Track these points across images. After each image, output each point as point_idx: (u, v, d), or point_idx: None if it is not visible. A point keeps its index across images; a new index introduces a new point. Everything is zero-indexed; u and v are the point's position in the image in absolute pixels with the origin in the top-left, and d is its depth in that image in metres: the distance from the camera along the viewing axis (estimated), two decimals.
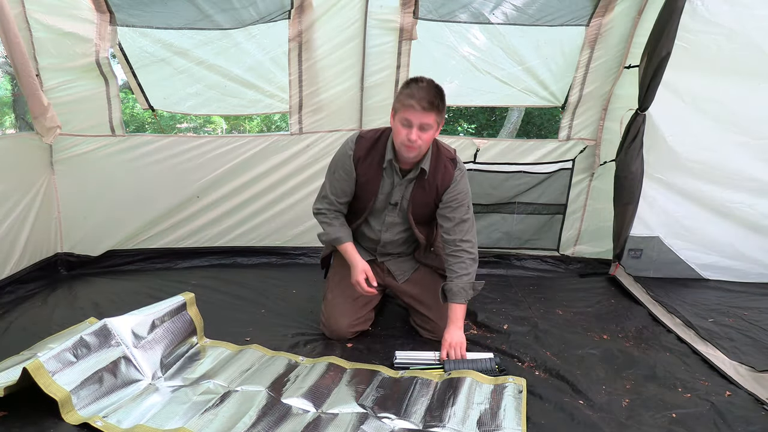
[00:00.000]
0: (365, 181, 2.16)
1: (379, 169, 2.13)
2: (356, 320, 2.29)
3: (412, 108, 1.92)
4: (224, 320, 2.44)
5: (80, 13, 2.60)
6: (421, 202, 2.18)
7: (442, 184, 2.14)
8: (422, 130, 1.95)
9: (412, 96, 1.92)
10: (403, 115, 1.95)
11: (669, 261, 3.10)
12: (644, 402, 1.84)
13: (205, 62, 2.87)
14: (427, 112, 1.93)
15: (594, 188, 3.26)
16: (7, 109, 7.84)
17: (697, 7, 2.59)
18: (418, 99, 1.91)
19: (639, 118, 2.76)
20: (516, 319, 2.53)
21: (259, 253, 3.32)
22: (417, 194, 2.16)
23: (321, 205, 2.27)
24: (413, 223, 2.22)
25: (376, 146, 2.14)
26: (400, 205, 2.20)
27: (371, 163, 2.13)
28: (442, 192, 2.15)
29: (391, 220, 2.25)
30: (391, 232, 2.28)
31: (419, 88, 1.93)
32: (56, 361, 1.66)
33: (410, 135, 1.95)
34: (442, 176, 2.14)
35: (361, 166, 2.14)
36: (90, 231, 3.07)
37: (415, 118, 1.93)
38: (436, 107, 1.94)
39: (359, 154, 2.14)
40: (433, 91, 1.94)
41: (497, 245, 3.38)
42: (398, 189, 2.16)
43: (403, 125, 1.96)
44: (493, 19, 2.88)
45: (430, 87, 1.95)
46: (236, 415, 1.64)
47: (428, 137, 1.99)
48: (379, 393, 1.81)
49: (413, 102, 1.91)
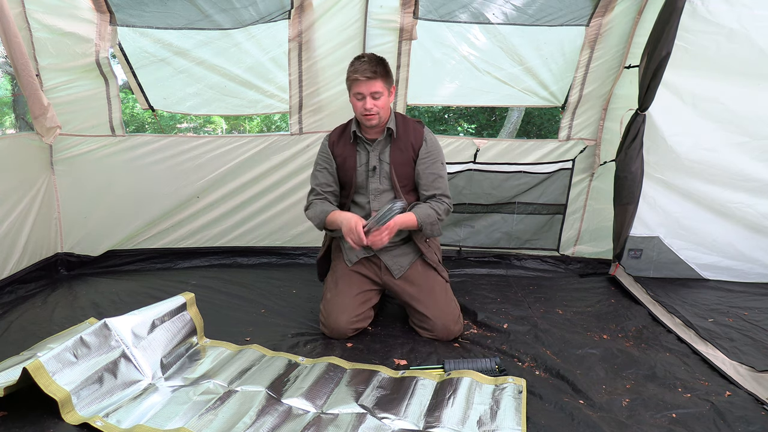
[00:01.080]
0: (343, 161, 2.36)
1: (352, 146, 2.35)
2: (356, 317, 2.29)
3: (358, 81, 2.17)
4: (224, 320, 2.44)
5: (80, 13, 2.61)
6: (401, 161, 2.31)
7: (416, 140, 2.33)
8: (374, 98, 2.19)
9: (356, 71, 2.17)
10: (355, 90, 2.20)
11: (669, 261, 3.10)
12: (644, 402, 1.84)
13: (205, 62, 2.87)
14: (372, 80, 2.16)
15: (594, 188, 3.26)
16: (7, 109, 7.84)
17: (697, 7, 2.59)
18: (362, 71, 2.15)
19: (639, 118, 2.76)
20: (516, 318, 2.53)
21: (259, 253, 3.32)
22: (395, 155, 2.31)
23: (308, 200, 2.44)
24: (398, 187, 2.31)
25: (346, 129, 2.38)
26: (380, 169, 2.32)
27: (344, 144, 2.36)
28: (417, 148, 2.32)
29: (376, 186, 2.33)
30: (379, 201, 2.33)
31: (361, 62, 2.18)
32: (56, 361, 1.66)
33: (365, 105, 2.19)
34: (414, 134, 2.33)
35: (336, 148, 2.37)
36: (90, 231, 3.07)
37: (364, 89, 2.17)
38: (381, 74, 2.18)
39: (333, 139, 2.40)
40: (374, 61, 2.18)
41: (497, 245, 3.38)
42: (373, 154, 2.32)
43: (358, 99, 2.21)
44: (493, 19, 2.88)
45: (371, 59, 2.19)
46: (236, 415, 1.64)
47: (382, 103, 2.22)
48: (379, 393, 1.81)
49: (358, 75, 2.16)
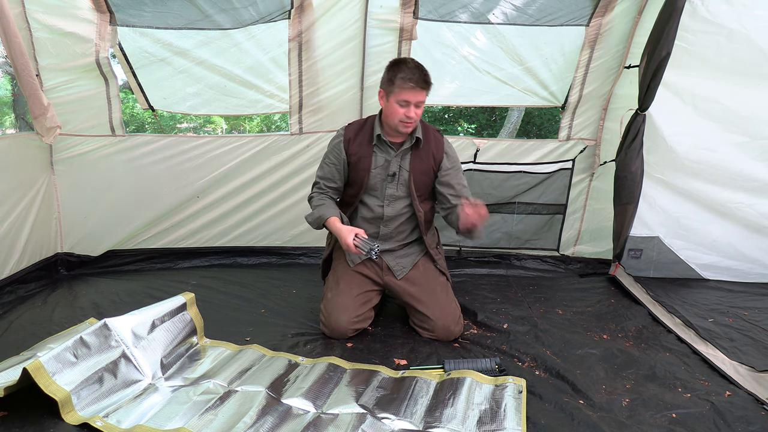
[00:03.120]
0: (357, 160, 2.29)
1: (370, 146, 2.28)
2: (356, 318, 2.29)
3: (412, 89, 2.09)
4: (224, 320, 2.44)
5: (80, 13, 2.60)
6: (421, 171, 2.29)
7: (437, 151, 2.30)
8: (417, 107, 2.15)
9: (410, 79, 2.08)
10: (402, 97, 2.12)
11: (669, 261, 3.10)
12: (644, 402, 1.84)
13: (205, 62, 2.87)
14: (423, 90, 2.12)
15: (594, 188, 3.26)
16: (7, 109, 7.83)
17: (697, 7, 2.59)
18: (416, 81, 2.08)
19: (639, 118, 2.76)
20: (516, 318, 2.53)
21: (259, 253, 3.32)
22: (416, 164, 2.28)
23: (312, 192, 2.41)
24: (414, 195, 2.29)
25: (365, 127, 2.31)
26: (399, 176, 2.28)
27: (361, 143, 2.29)
28: (438, 159, 2.30)
29: (392, 193, 2.31)
30: (394, 207, 2.32)
31: (411, 70, 2.10)
32: (56, 362, 1.66)
33: (409, 113, 2.13)
34: (435, 144, 2.31)
35: (352, 146, 2.30)
36: (90, 231, 3.07)
37: (413, 98, 2.11)
38: (429, 84, 2.14)
39: (349, 136, 2.31)
40: (423, 70, 2.13)
41: (497, 245, 3.38)
42: (395, 161, 2.28)
43: (402, 105, 2.13)
44: (493, 19, 2.88)
45: (420, 67, 2.13)
46: (236, 416, 1.64)
47: (421, 112, 2.19)
48: (379, 393, 1.81)
49: (412, 84, 2.08)
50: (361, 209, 2.37)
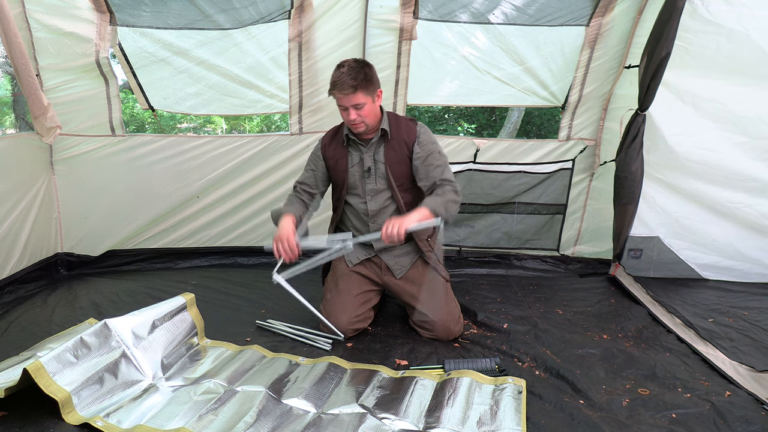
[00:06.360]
0: (335, 162, 2.34)
1: (344, 148, 2.33)
2: (356, 318, 2.30)
3: (341, 93, 2.10)
4: (225, 320, 2.44)
5: (80, 13, 2.61)
6: (396, 161, 2.28)
7: (409, 138, 2.28)
8: (357, 109, 2.13)
9: (335, 85, 2.10)
10: (337, 103, 2.16)
11: (669, 261, 3.10)
12: (644, 402, 1.84)
13: (205, 62, 2.87)
14: (352, 94, 2.09)
15: (594, 188, 3.27)
16: (7, 109, 7.83)
17: (697, 7, 2.59)
18: (341, 86, 2.08)
19: (639, 118, 2.76)
20: (516, 318, 2.53)
21: (259, 253, 3.32)
22: (390, 155, 2.28)
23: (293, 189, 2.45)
24: (394, 186, 2.29)
25: (339, 132, 2.36)
26: (375, 169, 2.30)
27: (336, 146, 2.35)
28: (411, 145, 2.27)
29: (372, 187, 2.32)
30: (376, 201, 2.33)
31: (340, 74, 2.10)
32: (56, 362, 1.66)
33: (349, 117, 2.15)
34: (406, 132, 2.28)
35: (328, 151, 2.36)
36: (90, 231, 3.07)
37: (345, 102, 2.12)
38: (361, 86, 2.09)
39: (325, 141, 2.39)
40: (352, 73, 2.09)
41: (497, 245, 3.38)
42: (367, 156, 2.29)
43: (342, 109, 2.16)
44: (493, 19, 2.88)
45: (350, 70, 2.10)
46: (237, 416, 1.64)
47: (366, 112, 2.15)
48: (379, 393, 1.81)
49: (336, 91, 2.11)
50: (348, 210, 2.40)
